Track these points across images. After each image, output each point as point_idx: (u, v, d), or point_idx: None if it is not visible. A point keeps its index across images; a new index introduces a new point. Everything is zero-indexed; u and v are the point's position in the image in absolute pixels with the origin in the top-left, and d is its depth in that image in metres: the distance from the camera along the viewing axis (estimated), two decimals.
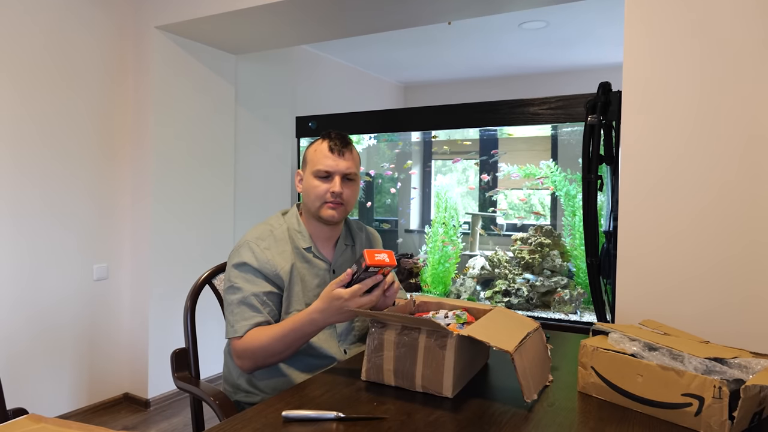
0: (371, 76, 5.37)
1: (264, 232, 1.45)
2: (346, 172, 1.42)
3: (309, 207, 1.46)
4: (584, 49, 4.42)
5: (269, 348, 1.30)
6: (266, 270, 1.38)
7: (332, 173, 1.42)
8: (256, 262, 1.38)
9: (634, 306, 1.75)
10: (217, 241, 3.45)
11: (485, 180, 3.64)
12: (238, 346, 1.34)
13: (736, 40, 1.60)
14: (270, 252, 1.40)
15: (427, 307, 1.40)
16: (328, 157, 1.42)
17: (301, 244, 1.46)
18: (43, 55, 2.70)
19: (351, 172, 1.44)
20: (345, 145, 1.44)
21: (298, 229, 1.47)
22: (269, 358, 1.33)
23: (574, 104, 2.32)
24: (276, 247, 1.42)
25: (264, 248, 1.40)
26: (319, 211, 1.43)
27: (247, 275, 1.38)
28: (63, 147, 2.80)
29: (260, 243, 1.41)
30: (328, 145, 1.43)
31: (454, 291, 3.06)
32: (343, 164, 1.42)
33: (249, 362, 1.34)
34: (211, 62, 3.35)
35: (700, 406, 0.96)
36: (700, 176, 1.66)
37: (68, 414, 2.88)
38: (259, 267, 1.38)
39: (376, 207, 4.06)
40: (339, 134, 1.46)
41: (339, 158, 1.42)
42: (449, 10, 2.70)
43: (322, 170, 1.41)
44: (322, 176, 1.42)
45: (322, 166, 1.41)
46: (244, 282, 1.37)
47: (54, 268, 2.80)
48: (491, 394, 1.15)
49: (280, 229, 1.46)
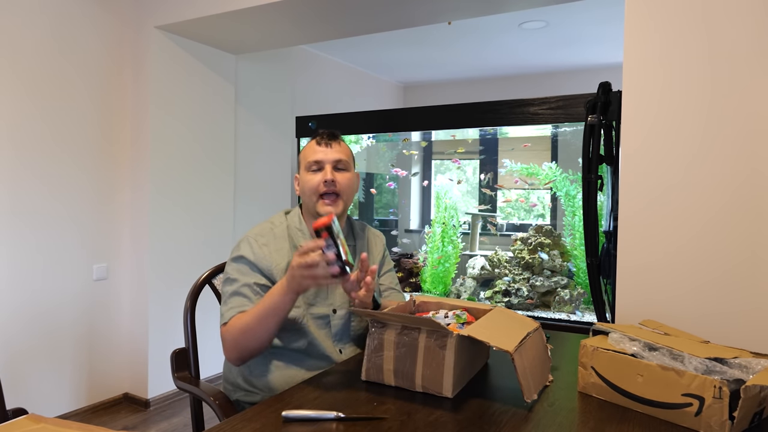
0: (371, 76, 5.37)
1: (264, 229, 1.48)
2: (336, 159, 1.46)
3: (307, 204, 1.48)
4: (584, 49, 4.42)
5: (247, 330, 1.29)
6: (261, 264, 1.40)
7: (322, 162, 1.45)
8: (253, 256, 1.40)
9: (634, 306, 1.75)
10: (217, 240, 3.45)
11: (485, 180, 3.64)
12: (224, 334, 1.34)
13: (736, 39, 1.60)
14: (267, 248, 1.42)
15: (427, 307, 1.40)
16: (316, 150, 1.47)
17: (301, 241, 1.46)
18: (43, 54, 2.70)
19: (341, 159, 1.46)
20: (332, 137, 1.49)
21: (299, 227, 1.49)
22: (249, 341, 1.31)
23: (574, 104, 2.32)
24: (274, 243, 1.44)
25: (262, 244, 1.43)
26: (316, 206, 1.45)
27: (242, 267, 1.40)
28: (63, 147, 2.80)
29: (259, 239, 1.44)
30: (316, 140, 1.49)
31: (454, 291, 3.06)
32: (332, 153, 1.46)
33: (234, 352, 1.33)
34: (210, 62, 3.35)
35: (700, 406, 0.96)
36: (700, 176, 1.66)
37: (68, 414, 2.88)
38: (255, 261, 1.40)
39: (376, 207, 4.06)
40: (327, 130, 1.51)
41: (327, 148, 1.46)
42: (449, 10, 2.70)
43: (312, 161, 1.45)
44: (314, 168, 1.45)
45: (312, 158, 1.46)
46: (238, 274, 1.40)
47: (54, 268, 2.80)
48: (491, 394, 1.15)
49: (281, 227, 1.48)
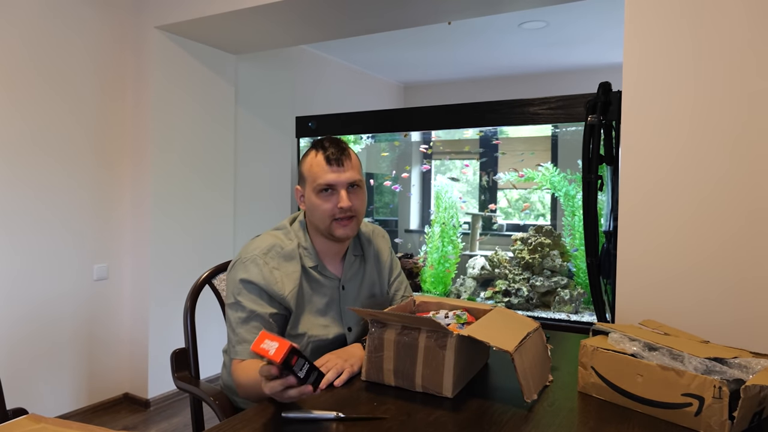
0: (371, 76, 5.37)
1: (272, 245, 1.34)
2: (350, 181, 1.31)
3: (317, 225, 1.35)
4: (584, 49, 4.42)
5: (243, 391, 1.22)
6: (272, 291, 1.29)
7: (335, 185, 1.30)
8: (263, 281, 1.28)
9: (634, 306, 1.75)
10: (217, 240, 3.45)
11: (486, 178, 3.64)
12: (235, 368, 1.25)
13: (735, 39, 1.60)
14: (279, 272, 1.30)
15: (427, 307, 1.40)
16: (326, 170, 1.30)
17: (308, 263, 1.36)
18: (43, 55, 2.70)
19: (355, 180, 1.32)
20: (342, 152, 1.32)
21: (305, 245, 1.37)
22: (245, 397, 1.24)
23: (574, 104, 2.31)
24: (285, 266, 1.32)
25: (273, 268, 1.30)
26: (330, 230, 1.33)
27: (252, 295, 1.28)
28: (63, 147, 2.80)
29: (269, 261, 1.31)
30: (324, 156, 1.31)
31: (454, 291, 3.06)
32: (345, 175, 1.30)
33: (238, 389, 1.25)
34: (211, 62, 3.35)
35: (700, 406, 0.96)
36: (700, 176, 1.66)
37: (68, 414, 2.88)
38: (266, 287, 1.28)
39: (376, 207, 4.06)
40: (333, 141, 1.34)
41: (339, 169, 1.30)
42: (449, 10, 2.70)
43: (323, 184, 1.30)
44: (325, 191, 1.31)
45: (323, 181, 1.30)
46: (249, 302, 1.28)
47: (54, 268, 2.80)
48: (491, 394, 1.15)
49: (290, 246, 1.35)
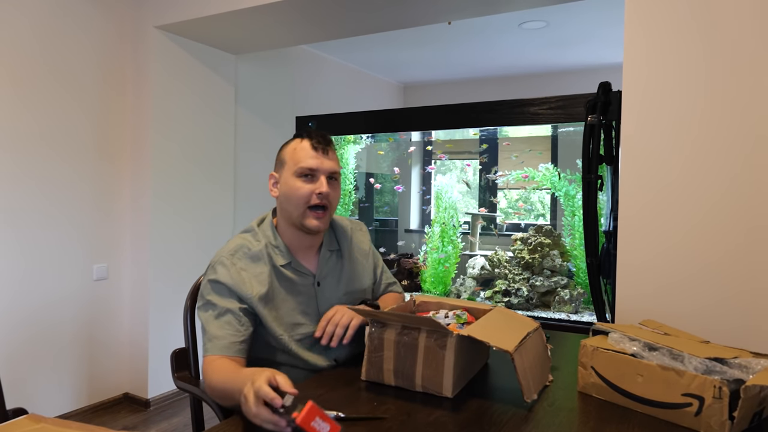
0: (371, 76, 5.37)
1: (240, 247, 1.34)
2: (332, 170, 1.35)
3: (290, 213, 1.34)
4: (584, 49, 4.42)
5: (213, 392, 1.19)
6: (240, 293, 1.28)
7: (317, 171, 1.33)
8: (231, 281, 1.28)
9: (634, 306, 1.75)
10: (217, 240, 3.44)
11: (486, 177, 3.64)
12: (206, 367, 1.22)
13: (736, 39, 1.60)
14: (246, 273, 1.30)
15: (427, 307, 1.40)
16: (311, 155, 1.33)
17: (279, 261, 1.34)
18: (43, 54, 2.70)
19: (336, 171, 1.36)
20: (328, 143, 1.37)
21: (275, 243, 1.36)
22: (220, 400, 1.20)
23: (574, 104, 2.31)
24: (253, 268, 1.31)
25: (240, 269, 1.30)
26: (302, 220, 1.33)
27: (222, 294, 1.28)
28: (62, 146, 2.80)
29: (236, 262, 1.31)
30: (310, 143, 1.34)
31: (454, 291, 3.06)
32: (328, 163, 1.34)
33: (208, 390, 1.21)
34: (211, 62, 3.35)
35: (700, 406, 0.96)
36: (700, 176, 1.66)
37: (68, 414, 2.88)
38: (233, 287, 1.28)
39: (376, 206, 4.06)
40: (318, 132, 1.38)
41: (323, 156, 1.34)
42: (449, 10, 2.70)
43: (306, 168, 1.32)
44: (306, 175, 1.32)
45: (306, 165, 1.32)
46: (218, 299, 1.27)
47: (54, 268, 2.80)
48: (491, 394, 1.15)
49: (258, 246, 1.34)
